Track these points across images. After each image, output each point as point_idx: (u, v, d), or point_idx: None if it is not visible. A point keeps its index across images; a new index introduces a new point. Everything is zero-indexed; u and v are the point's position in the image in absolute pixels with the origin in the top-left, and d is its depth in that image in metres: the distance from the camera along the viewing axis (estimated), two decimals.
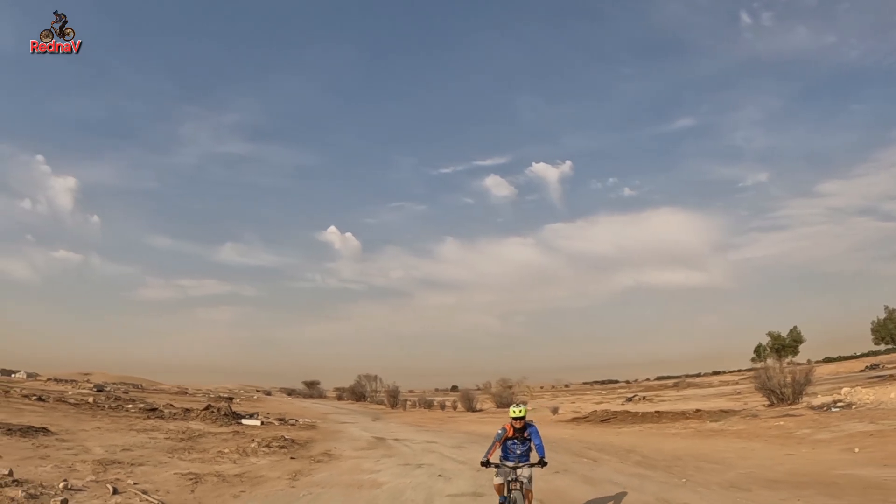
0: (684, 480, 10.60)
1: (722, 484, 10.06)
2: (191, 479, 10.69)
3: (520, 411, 6.38)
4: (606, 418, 28.37)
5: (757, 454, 14.03)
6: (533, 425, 6.53)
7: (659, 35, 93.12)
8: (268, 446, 17.44)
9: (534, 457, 6.39)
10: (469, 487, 10.08)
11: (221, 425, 25.45)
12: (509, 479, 6.22)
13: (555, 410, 37.92)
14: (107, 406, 32.32)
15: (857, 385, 30.05)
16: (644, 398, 50.28)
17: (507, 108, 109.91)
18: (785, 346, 38.80)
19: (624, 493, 9.34)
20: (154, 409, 31.96)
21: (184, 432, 20.48)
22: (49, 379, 72.38)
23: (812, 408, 22.40)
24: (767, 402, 26.11)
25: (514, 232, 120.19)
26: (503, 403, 44.07)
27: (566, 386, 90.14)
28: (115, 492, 9.05)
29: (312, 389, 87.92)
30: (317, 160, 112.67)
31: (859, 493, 8.51)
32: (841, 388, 27.99)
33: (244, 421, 27.81)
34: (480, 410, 43.82)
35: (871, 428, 15.45)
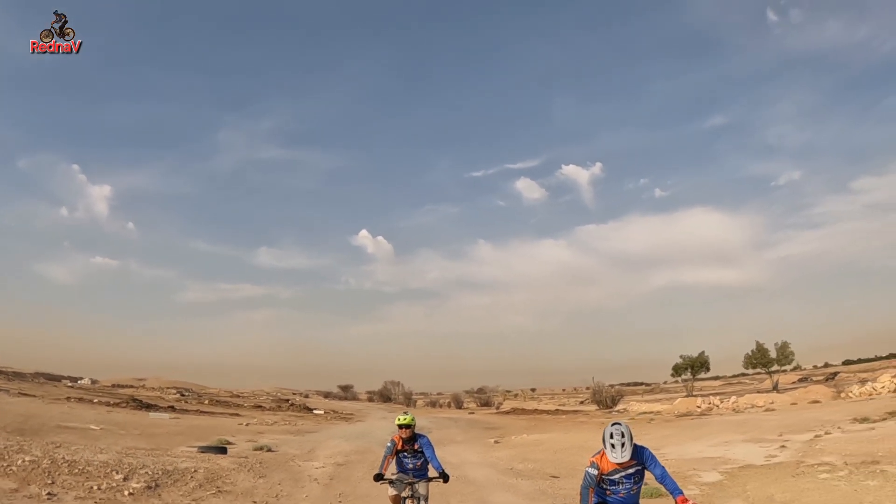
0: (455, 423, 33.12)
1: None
2: (303, 430, 33.70)
3: (406, 419, 6.00)
4: (508, 412, 51.44)
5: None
6: (424, 436, 6.17)
7: (690, 34, 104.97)
8: (335, 419, 40.47)
9: (432, 471, 6.17)
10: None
11: (304, 413, 48.67)
12: (405, 495, 5.99)
13: (498, 406, 60.37)
14: (233, 404, 55.85)
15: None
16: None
17: (542, 111, 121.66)
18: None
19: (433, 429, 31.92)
20: (260, 406, 55.47)
21: (293, 415, 43.62)
22: (114, 385, 74.19)
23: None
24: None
25: (547, 234, 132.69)
26: (483, 403, 65.43)
27: (532, 390, 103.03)
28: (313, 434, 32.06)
29: (347, 392, 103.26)
30: (350, 164, 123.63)
31: None
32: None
33: (315, 411, 50.95)
34: (467, 408, 64.87)
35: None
